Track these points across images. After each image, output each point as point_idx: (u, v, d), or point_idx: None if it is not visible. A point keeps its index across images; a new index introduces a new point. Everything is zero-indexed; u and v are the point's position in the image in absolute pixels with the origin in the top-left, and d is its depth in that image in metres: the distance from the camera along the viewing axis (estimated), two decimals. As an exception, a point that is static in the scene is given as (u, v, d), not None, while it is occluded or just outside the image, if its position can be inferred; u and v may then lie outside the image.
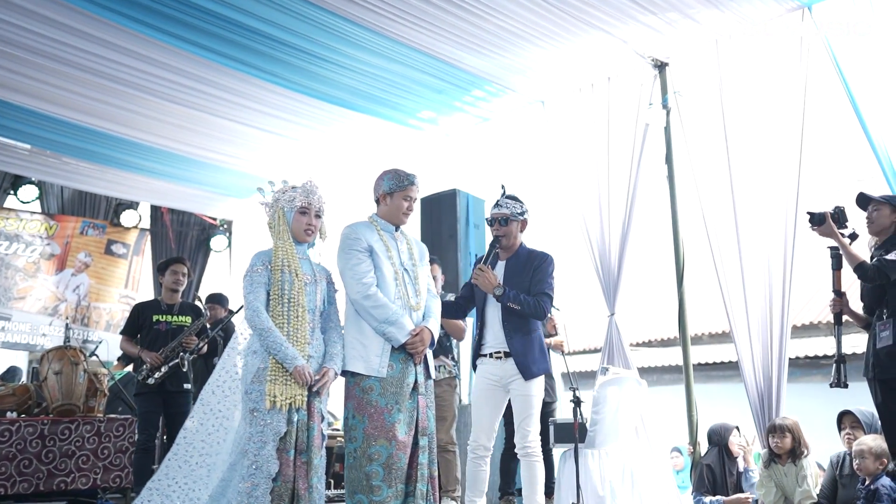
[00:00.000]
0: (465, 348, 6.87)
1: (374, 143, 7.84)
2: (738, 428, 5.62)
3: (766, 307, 5.42)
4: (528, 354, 4.49)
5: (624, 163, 6.37)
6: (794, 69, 5.44)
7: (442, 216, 7.00)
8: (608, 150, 6.50)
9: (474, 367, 4.79)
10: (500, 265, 4.71)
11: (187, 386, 5.93)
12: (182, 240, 10.53)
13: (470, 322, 6.75)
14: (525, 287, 4.54)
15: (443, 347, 5.79)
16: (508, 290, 4.49)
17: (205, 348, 6.17)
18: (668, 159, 6.21)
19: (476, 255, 6.97)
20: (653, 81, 6.28)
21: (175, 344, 5.81)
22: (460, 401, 6.28)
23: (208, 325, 6.23)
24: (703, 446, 5.85)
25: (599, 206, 6.51)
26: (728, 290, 5.63)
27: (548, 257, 4.64)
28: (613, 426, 5.73)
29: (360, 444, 3.80)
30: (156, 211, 10.47)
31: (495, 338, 4.60)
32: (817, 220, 4.40)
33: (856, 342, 8.85)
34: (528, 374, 4.46)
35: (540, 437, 4.59)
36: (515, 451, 4.59)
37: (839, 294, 4.52)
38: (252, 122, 7.45)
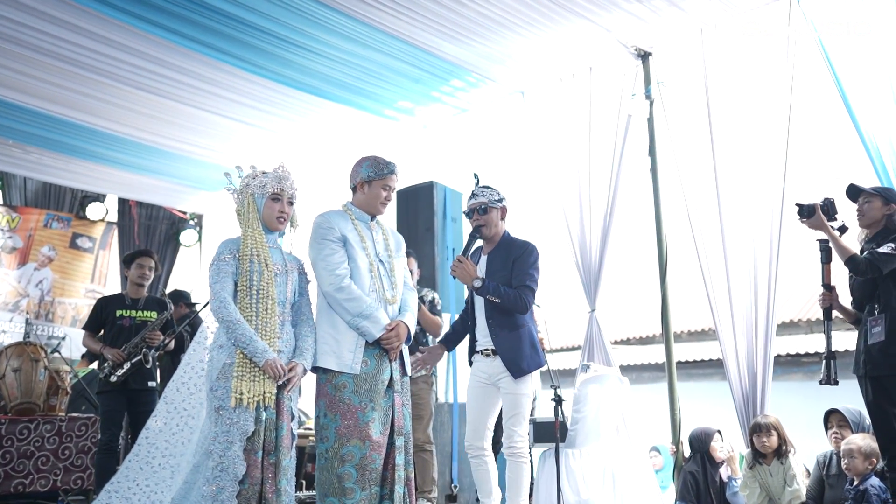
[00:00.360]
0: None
1: (349, 134, 7.63)
2: (719, 432, 5.46)
3: (752, 304, 5.29)
4: (516, 351, 4.28)
5: (606, 155, 6.22)
6: (781, 59, 5.31)
7: (418, 209, 6.80)
8: (589, 142, 6.35)
9: (470, 363, 4.60)
10: (484, 259, 4.52)
11: (152, 384, 5.68)
12: (150, 234, 10.23)
13: (447, 317, 6.59)
14: (507, 280, 4.34)
15: (419, 343, 5.60)
16: (488, 283, 4.29)
17: (171, 344, 5.93)
18: (651, 151, 6.06)
19: (454, 250, 6.81)
20: (635, 71, 6.13)
21: (138, 340, 5.56)
22: (437, 399, 6.10)
23: (174, 321, 5.99)
24: (687, 446, 5.70)
25: (580, 199, 6.35)
26: (712, 287, 5.49)
27: (529, 246, 4.43)
28: (595, 425, 5.57)
29: (332, 445, 3.63)
30: (123, 204, 10.14)
31: (483, 334, 4.42)
32: (807, 212, 4.24)
33: (837, 339, 8.80)
34: (517, 372, 4.26)
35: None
36: (502, 450, 4.40)
37: (828, 288, 4.38)
38: (223, 111, 7.22)
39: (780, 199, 5.23)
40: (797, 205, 4.26)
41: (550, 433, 5.59)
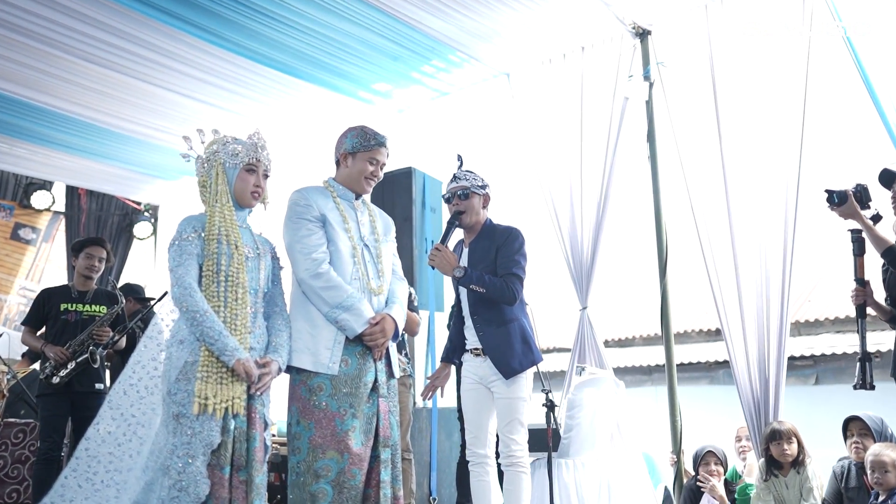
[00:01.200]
0: (419, 343, 6.21)
1: (322, 118, 7.08)
2: (712, 451, 5.02)
3: (764, 301, 4.87)
4: (506, 348, 3.79)
5: (599, 141, 5.78)
6: (795, 38, 4.91)
7: (395, 197, 6.29)
8: (581, 127, 5.91)
9: (460, 363, 4.10)
10: (466, 252, 4.03)
11: (100, 386, 5.09)
12: (101, 225, 9.52)
13: (425, 315, 6.09)
14: (491, 269, 3.86)
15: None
16: (470, 271, 3.80)
17: (122, 342, 5.34)
18: (650, 137, 5.64)
19: (432, 242, 6.32)
20: (633, 51, 5.70)
21: (84, 336, 4.97)
22: (415, 402, 5.61)
23: (126, 317, 5.40)
24: (688, 456, 5.28)
25: (571, 188, 5.91)
26: (719, 284, 5.06)
27: (513, 231, 3.95)
28: (590, 433, 5.15)
29: (305, 457, 3.11)
30: (72, 192, 9.44)
31: (471, 331, 3.93)
32: (838, 199, 3.83)
33: (834, 342, 8.50)
34: (508, 372, 3.77)
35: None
36: (499, 461, 3.90)
37: (862, 283, 3.98)
38: (184, 89, 6.61)
39: (795, 188, 4.82)
40: (827, 191, 3.85)
41: (541, 441, 5.13)
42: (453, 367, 4.24)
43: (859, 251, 3.96)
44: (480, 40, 5.90)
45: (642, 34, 5.67)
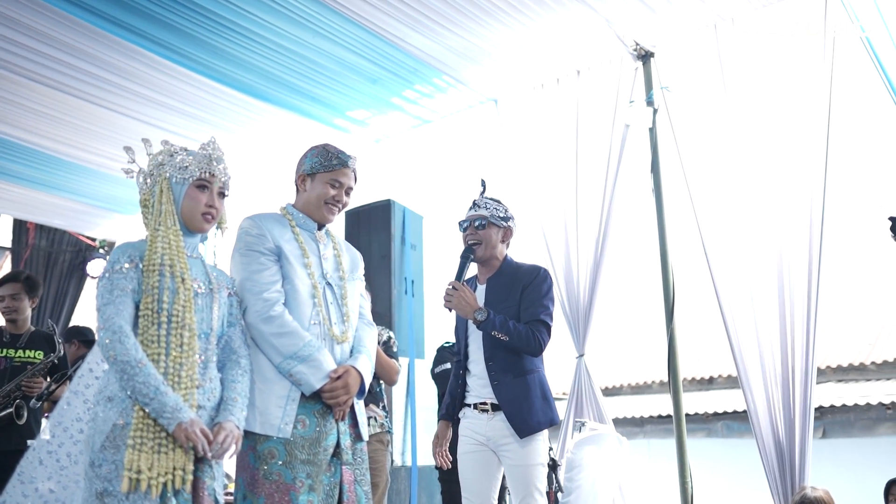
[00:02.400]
0: (398, 394, 5.62)
1: (289, 146, 6.52)
2: None
3: (788, 347, 4.35)
4: (523, 402, 3.24)
5: (598, 173, 5.30)
6: (816, 61, 4.48)
7: (372, 232, 5.75)
8: (577, 159, 5.43)
9: (456, 420, 3.50)
10: (482, 289, 3.47)
11: (32, 443, 4.40)
12: (51, 263, 8.83)
13: (405, 362, 5.51)
14: (513, 312, 3.32)
15: (371, 394, 4.46)
16: (493, 315, 3.25)
17: (60, 391, 4.67)
18: (654, 168, 5.14)
19: (413, 282, 5.78)
20: (634, 75, 5.24)
21: (12, 387, 4.30)
22: (393, 461, 4.99)
23: (68, 363, 4.74)
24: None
25: (566, 225, 5.41)
26: (735, 328, 4.55)
27: (541, 271, 3.43)
28: (591, 497, 4.55)
29: (255, 538, 2.49)
30: (20, 227, 8.75)
31: (480, 383, 3.35)
32: None
33: (840, 392, 8.02)
34: (524, 430, 3.20)
35: None
36: None
37: None
38: (144, 115, 6.07)
39: (820, 223, 4.36)
40: (891, 218, 3.35)
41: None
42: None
43: None
44: (468, 62, 5.43)
45: (644, 56, 5.22)
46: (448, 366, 4.65)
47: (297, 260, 2.74)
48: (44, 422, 4.74)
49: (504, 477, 3.36)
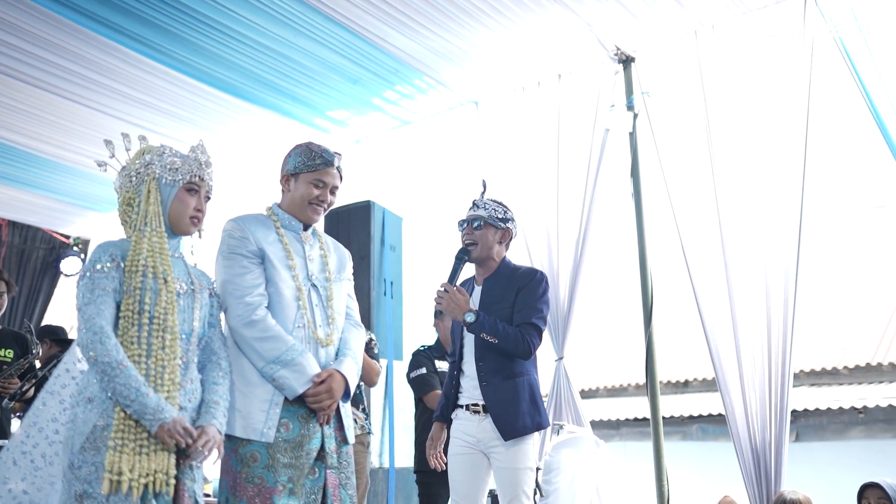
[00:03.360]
0: (375, 395, 5.61)
1: (269, 146, 6.49)
2: None
3: (765, 351, 4.40)
4: (510, 405, 3.23)
5: (578, 177, 5.32)
6: (794, 67, 4.53)
7: (351, 233, 5.70)
8: (557, 162, 5.45)
9: (449, 420, 3.47)
10: (478, 291, 3.45)
11: (2, 443, 4.35)
12: (24, 260, 8.67)
13: (384, 364, 5.49)
14: (507, 314, 3.30)
15: (353, 396, 4.44)
16: (483, 317, 3.24)
17: (31, 392, 4.61)
18: (634, 172, 5.17)
19: (392, 283, 5.76)
20: (615, 79, 5.27)
21: (-14, 387, 4.26)
22: (372, 463, 4.98)
23: (37, 364, 4.67)
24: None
25: (547, 229, 5.43)
26: (714, 332, 4.59)
27: (537, 274, 3.41)
28: (568, 500, 4.57)
29: (237, 543, 2.48)
30: (-7, 223, 8.65)
31: (472, 384, 3.33)
32: None
33: (813, 396, 8.10)
34: (508, 433, 3.19)
35: None
36: None
37: None
38: (121, 112, 6.01)
39: (797, 228, 4.41)
40: None
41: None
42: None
43: None
44: (449, 63, 5.42)
45: (626, 61, 5.24)
46: (424, 370, 4.63)
47: (280, 262, 2.73)
48: (15, 422, 4.70)
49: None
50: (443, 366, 4.62)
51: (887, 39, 4.28)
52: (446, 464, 3.44)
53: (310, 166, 2.84)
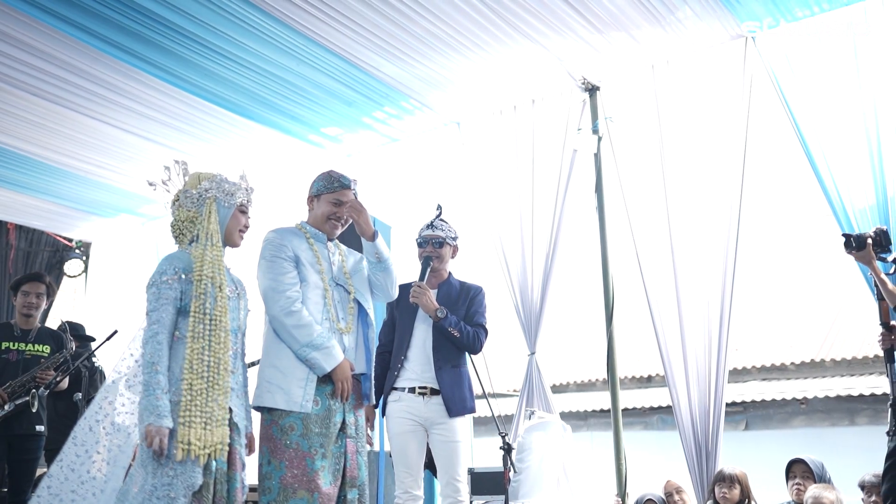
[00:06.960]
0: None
1: (268, 159, 7.06)
2: (652, 500, 5.14)
3: (706, 349, 5.07)
4: (456, 389, 4.01)
5: (549, 192, 5.94)
6: (736, 100, 5.19)
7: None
8: (532, 178, 6.06)
9: (384, 404, 4.12)
10: (433, 293, 4.19)
11: (40, 428, 4.94)
12: (30, 262, 9.21)
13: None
14: (460, 317, 4.11)
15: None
16: (450, 315, 4.03)
17: (64, 383, 5.18)
18: (598, 189, 5.82)
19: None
20: (582, 106, 5.91)
21: (27, 378, 4.82)
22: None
23: (69, 357, 5.24)
24: (632, 498, 5.39)
25: (522, 237, 6.04)
26: (664, 331, 5.26)
27: (482, 290, 4.29)
28: (539, 476, 5.20)
29: (276, 497, 3.14)
30: (1, 227, 9.11)
31: (420, 370, 4.04)
32: (856, 245, 3.76)
33: (762, 389, 8.81)
34: (454, 411, 3.97)
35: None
36: None
37: (888, 328, 3.78)
38: (125, 124, 6.43)
39: (735, 240, 5.08)
40: (844, 235, 3.84)
41: (491, 484, 5.19)
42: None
43: (881, 296, 3.77)
44: (433, 87, 6.01)
45: (591, 90, 5.88)
46: None
47: (311, 265, 3.41)
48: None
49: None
50: None
51: (816, 78, 4.93)
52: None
53: (329, 188, 3.54)
